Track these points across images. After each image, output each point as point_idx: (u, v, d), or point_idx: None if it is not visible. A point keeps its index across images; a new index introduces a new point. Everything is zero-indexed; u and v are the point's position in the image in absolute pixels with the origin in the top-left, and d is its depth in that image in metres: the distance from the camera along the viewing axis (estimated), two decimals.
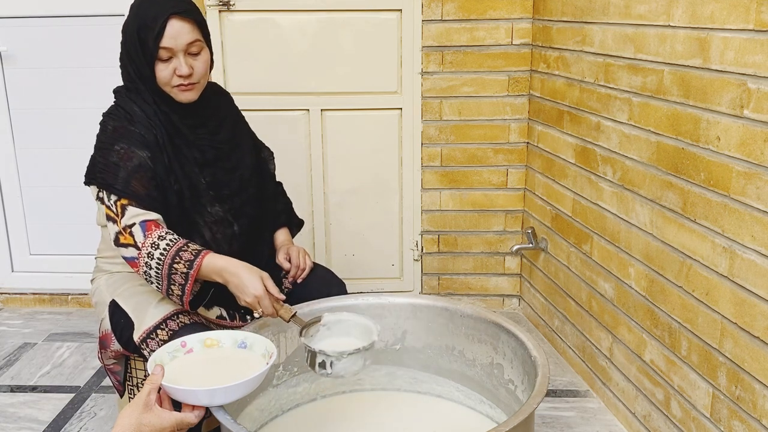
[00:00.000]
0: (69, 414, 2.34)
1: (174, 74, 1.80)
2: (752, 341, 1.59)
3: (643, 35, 1.97)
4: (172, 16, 1.77)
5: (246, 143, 2.05)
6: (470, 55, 2.82)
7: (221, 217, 1.91)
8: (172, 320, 1.81)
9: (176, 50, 1.79)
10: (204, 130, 1.92)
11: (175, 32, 1.77)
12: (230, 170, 1.96)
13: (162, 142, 1.84)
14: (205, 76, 1.87)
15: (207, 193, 1.90)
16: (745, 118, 1.57)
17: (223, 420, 1.46)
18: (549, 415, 2.29)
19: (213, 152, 1.92)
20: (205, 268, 1.73)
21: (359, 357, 1.70)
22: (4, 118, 3.02)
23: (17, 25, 2.93)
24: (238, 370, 1.51)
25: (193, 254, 1.72)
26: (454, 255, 3.04)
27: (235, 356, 1.61)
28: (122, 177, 1.77)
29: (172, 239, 1.75)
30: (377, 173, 2.97)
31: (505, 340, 1.84)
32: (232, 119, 2.03)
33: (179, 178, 1.85)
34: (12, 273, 3.19)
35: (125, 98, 1.87)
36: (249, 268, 1.74)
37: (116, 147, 1.79)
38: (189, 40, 1.79)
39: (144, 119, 1.83)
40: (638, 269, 2.06)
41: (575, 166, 2.43)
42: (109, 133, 1.82)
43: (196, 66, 1.82)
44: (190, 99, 1.85)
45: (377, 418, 2.01)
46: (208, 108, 1.94)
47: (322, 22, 2.80)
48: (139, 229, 1.75)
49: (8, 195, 3.11)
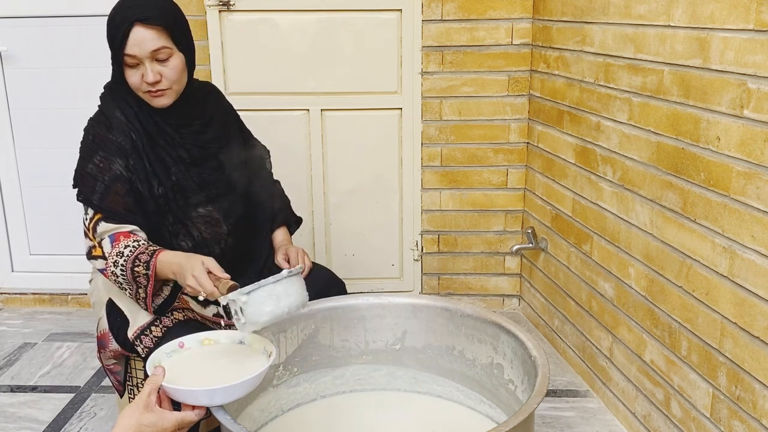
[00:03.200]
0: (69, 414, 2.34)
1: (142, 80, 1.79)
2: (752, 341, 1.59)
3: (643, 35, 1.97)
4: (135, 23, 1.75)
5: (235, 142, 2.03)
6: (470, 55, 2.82)
7: (210, 217, 1.91)
8: (166, 317, 1.81)
9: (141, 57, 1.77)
10: (189, 130, 1.91)
11: (138, 39, 1.76)
12: (218, 169, 1.95)
13: (141, 146, 1.84)
14: (179, 81, 1.84)
15: (195, 193, 1.90)
16: (745, 118, 1.57)
17: (223, 420, 1.46)
18: (549, 415, 2.29)
19: (199, 151, 1.91)
20: (159, 266, 1.73)
21: (266, 292, 1.52)
22: (4, 118, 3.02)
23: (17, 25, 2.93)
24: (238, 362, 1.50)
25: (149, 255, 1.74)
26: (454, 255, 3.04)
27: (233, 349, 1.61)
28: (99, 190, 1.80)
29: (135, 245, 1.76)
30: (377, 173, 2.97)
31: (505, 340, 1.84)
32: (221, 118, 2.01)
33: (162, 180, 1.85)
34: (12, 273, 3.19)
35: (108, 100, 1.89)
36: (190, 255, 1.73)
37: (95, 158, 1.82)
38: (153, 48, 1.77)
39: (123, 123, 1.84)
40: (638, 269, 2.05)
41: (575, 166, 2.43)
42: (89, 142, 1.84)
43: (165, 72, 1.80)
44: (163, 104, 1.85)
45: (377, 418, 2.01)
46: (193, 107, 1.93)
47: (322, 22, 2.80)
48: (107, 241, 1.79)
49: (8, 195, 3.11)
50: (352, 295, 2.04)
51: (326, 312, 1.94)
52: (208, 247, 1.90)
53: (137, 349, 1.80)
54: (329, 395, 2.07)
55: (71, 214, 3.06)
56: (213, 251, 1.90)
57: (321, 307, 1.94)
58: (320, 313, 1.95)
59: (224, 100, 2.10)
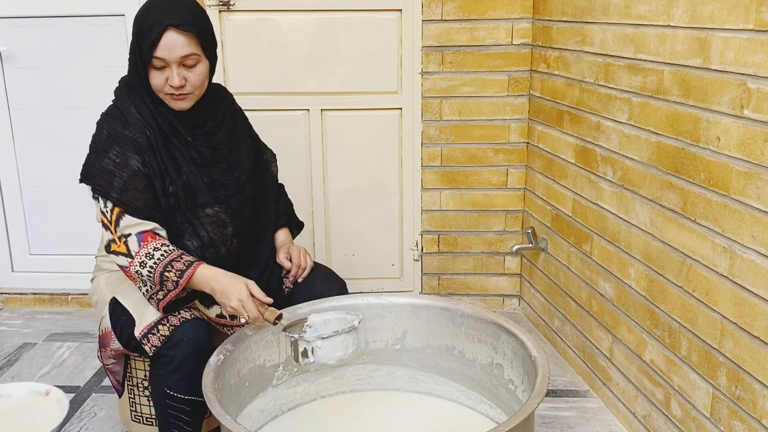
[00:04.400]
0: (69, 414, 2.34)
1: (166, 83, 1.80)
2: (752, 341, 1.59)
3: (643, 35, 1.97)
4: (169, 27, 1.76)
5: (244, 145, 2.04)
6: (470, 55, 2.82)
7: (218, 218, 1.91)
8: (174, 316, 1.82)
9: (170, 61, 1.78)
10: (202, 131, 1.92)
11: (170, 44, 1.76)
12: (227, 171, 1.96)
13: (155, 143, 1.84)
14: (201, 86, 1.86)
15: (204, 193, 1.90)
16: (745, 118, 1.57)
17: (223, 420, 1.47)
18: (549, 415, 2.29)
19: (210, 153, 1.92)
20: (195, 279, 1.78)
21: (340, 340, 1.73)
22: (4, 118, 3.02)
23: (17, 25, 2.92)
24: None
25: (185, 264, 1.77)
26: (454, 255, 3.04)
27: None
28: (118, 186, 1.80)
29: (167, 250, 1.78)
30: (377, 173, 2.97)
31: (505, 340, 1.84)
32: (232, 121, 2.02)
33: (174, 179, 1.86)
34: (12, 273, 3.19)
35: (124, 95, 1.88)
36: (234, 276, 1.80)
37: (111, 153, 1.81)
38: (183, 54, 1.78)
39: (138, 120, 1.84)
40: (638, 269, 2.05)
41: (575, 166, 2.43)
42: (104, 137, 1.84)
43: (190, 78, 1.81)
44: (182, 108, 1.86)
45: (377, 418, 2.01)
46: (207, 109, 1.94)
47: (322, 22, 2.80)
48: (134, 240, 1.79)
49: (8, 195, 3.11)
50: (352, 295, 2.04)
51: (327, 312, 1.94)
52: (215, 248, 1.90)
53: (144, 347, 1.80)
54: (329, 395, 2.08)
55: (71, 214, 3.07)
56: (219, 252, 1.91)
57: (321, 307, 1.94)
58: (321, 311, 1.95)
59: (235, 104, 2.11)
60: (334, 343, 1.73)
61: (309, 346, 1.73)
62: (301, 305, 1.94)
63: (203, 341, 1.80)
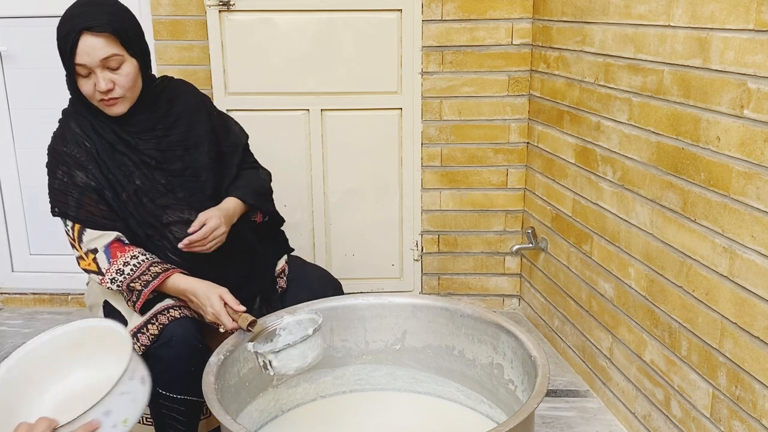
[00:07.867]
0: None
1: (95, 89, 1.78)
2: (752, 341, 1.59)
3: (643, 35, 1.97)
4: (83, 31, 1.73)
5: (205, 141, 1.96)
6: (470, 55, 2.82)
7: (182, 218, 1.89)
8: (162, 314, 1.81)
9: (92, 66, 1.75)
10: (152, 134, 1.89)
11: (88, 48, 1.74)
12: (184, 171, 1.92)
13: (96, 154, 1.83)
14: (133, 87, 1.82)
15: (163, 195, 1.88)
16: (745, 118, 1.57)
17: (223, 420, 1.47)
18: (549, 415, 2.29)
19: (161, 155, 1.89)
20: (171, 287, 1.80)
21: (295, 352, 1.67)
22: (4, 118, 3.02)
23: (17, 25, 2.92)
24: None
25: (152, 276, 1.79)
26: (454, 255, 3.04)
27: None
28: (72, 204, 1.81)
29: (137, 263, 1.80)
30: (377, 173, 2.97)
31: (505, 340, 1.84)
32: (188, 119, 1.95)
33: (124, 186, 1.85)
34: (12, 273, 3.18)
35: (67, 114, 1.90)
36: (207, 287, 1.79)
37: (58, 173, 1.83)
38: (103, 56, 1.75)
39: (77, 135, 1.84)
40: (638, 269, 2.05)
41: (575, 166, 2.43)
42: (50, 158, 1.86)
43: (117, 80, 1.78)
44: (118, 113, 1.83)
45: (377, 418, 2.01)
46: (155, 111, 1.91)
47: (322, 22, 2.80)
48: (103, 256, 1.80)
49: (8, 195, 3.11)
50: (352, 295, 2.04)
51: (326, 312, 1.94)
52: None
53: (134, 347, 1.80)
54: (329, 395, 2.08)
55: None
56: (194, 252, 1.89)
57: (321, 307, 1.94)
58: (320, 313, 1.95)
59: (194, 96, 2.01)
60: (289, 354, 1.67)
61: (266, 358, 1.68)
62: (311, 302, 1.95)
63: (193, 339, 1.79)
